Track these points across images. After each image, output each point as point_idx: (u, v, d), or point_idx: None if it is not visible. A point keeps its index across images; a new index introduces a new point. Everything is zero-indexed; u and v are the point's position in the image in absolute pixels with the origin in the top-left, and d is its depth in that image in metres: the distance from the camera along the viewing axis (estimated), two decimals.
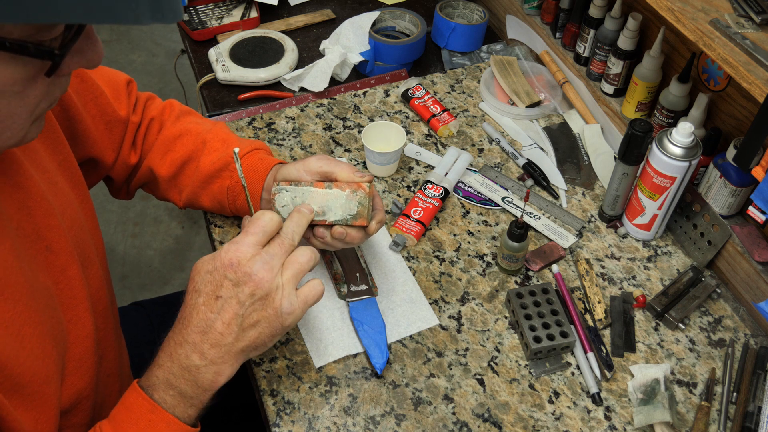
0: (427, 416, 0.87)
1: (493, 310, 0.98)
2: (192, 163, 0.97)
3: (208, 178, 0.96)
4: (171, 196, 1.01)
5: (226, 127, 1.02)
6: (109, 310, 0.84)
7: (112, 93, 0.93)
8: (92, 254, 0.80)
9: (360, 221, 0.86)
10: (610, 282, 1.02)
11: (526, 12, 1.36)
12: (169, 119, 1.00)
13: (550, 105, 1.27)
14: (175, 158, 0.97)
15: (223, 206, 0.99)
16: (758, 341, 0.96)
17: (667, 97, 1.06)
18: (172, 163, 0.97)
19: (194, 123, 1.00)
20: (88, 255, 0.79)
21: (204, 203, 1.00)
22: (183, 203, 1.01)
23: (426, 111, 1.24)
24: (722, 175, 0.98)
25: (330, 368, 0.90)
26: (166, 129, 0.98)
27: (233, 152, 0.78)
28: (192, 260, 2.18)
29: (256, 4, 1.44)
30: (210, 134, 0.98)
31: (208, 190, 0.98)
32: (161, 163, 0.97)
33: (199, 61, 1.37)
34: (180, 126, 0.99)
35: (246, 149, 0.97)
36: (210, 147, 0.97)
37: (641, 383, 0.89)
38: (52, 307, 0.71)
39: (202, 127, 0.99)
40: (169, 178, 0.98)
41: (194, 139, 0.98)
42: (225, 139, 0.98)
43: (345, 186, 0.86)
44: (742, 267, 0.98)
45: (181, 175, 0.98)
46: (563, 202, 1.13)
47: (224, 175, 0.96)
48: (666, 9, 0.89)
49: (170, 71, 2.74)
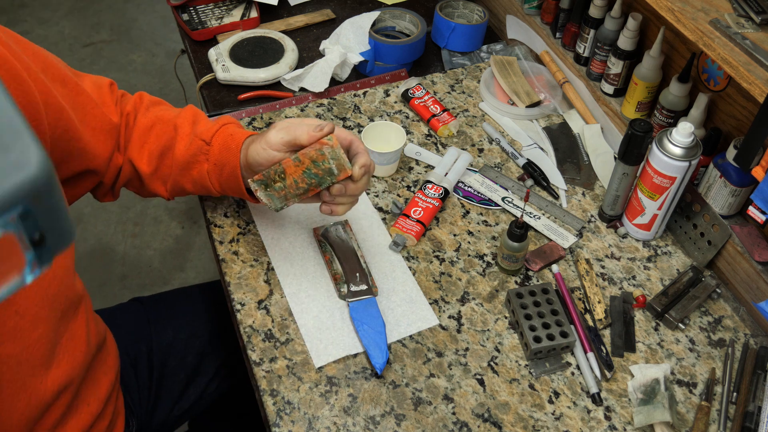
0: (427, 416, 0.87)
1: (493, 310, 0.98)
2: (169, 153, 0.96)
3: (186, 164, 0.95)
4: (156, 189, 1.00)
5: (194, 107, 1.00)
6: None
7: (101, 99, 0.93)
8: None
9: (343, 174, 0.86)
10: (610, 282, 1.02)
11: (526, 12, 1.36)
12: (140, 111, 0.98)
13: (550, 105, 1.27)
14: (153, 150, 0.96)
15: (208, 189, 0.98)
16: (758, 341, 0.96)
17: (667, 97, 1.06)
18: (150, 156, 0.96)
19: (164, 110, 0.99)
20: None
21: (188, 189, 0.99)
22: (169, 194, 1.00)
23: (426, 111, 1.24)
24: (722, 175, 0.98)
25: (330, 368, 0.90)
26: (139, 121, 0.97)
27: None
28: (192, 260, 2.18)
29: (256, 4, 1.44)
30: (179, 119, 0.97)
31: (188, 176, 0.97)
32: (140, 157, 0.96)
33: (199, 61, 1.37)
34: (150, 116, 0.97)
35: (213, 129, 0.95)
36: (181, 133, 0.95)
37: (641, 383, 0.89)
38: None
39: (172, 113, 0.98)
40: (151, 173, 0.97)
41: (166, 127, 0.96)
42: (193, 121, 0.97)
43: (311, 151, 0.85)
44: (742, 267, 0.98)
45: (162, 167, 0.97)
46: (563, 202, 1.13)
47: (200, 159, 0.95)
48: (666, 9, 0.89)
49: (170, 71, 2.74)
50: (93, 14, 3.05)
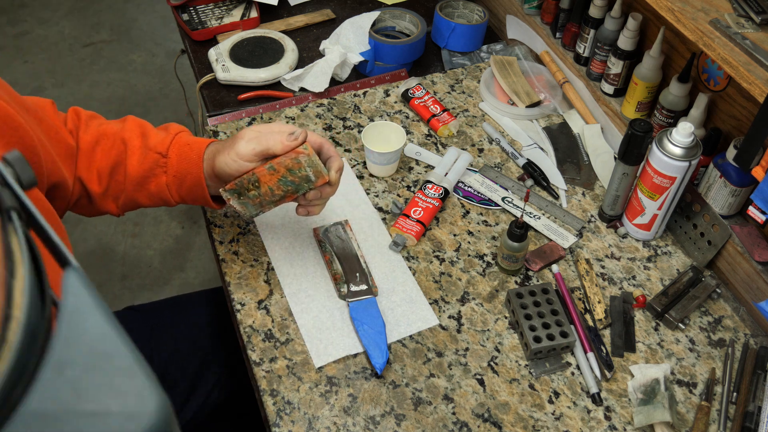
0: (427, 416, 0.87)
1: (493, 310, 0.98)
2: (119, 168, 0.92)
3: (142, 179, 0.92)
4: (107, 207, 0.96)
5: (135, 118, 0.97)
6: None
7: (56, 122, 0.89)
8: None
9: (321, 180, 0.85)
10: (610, 282, 1.02)
11: (526, 12, 1.36)
12: (81, 128, 0.94)
13: (550, 105, 1.27)
14: (102, 168, 0.92)
15: (166, 201, 0.95)
16: (758, 341, 0.96)
17: (667, 97, 1.06)
18: (100, 175, 0.92)
19: (104, 125, 0.95)
20: None
21: (143, 203, 0.95)
22: (120, 210, 0.97)
23: (426, 111, 1.24)
24: (722, 175, 0.98)
25: (330, 368, 0.90)
26: (82, 139, 0.93)
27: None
28: (192, 260, 2.18)
29: (256, 4, 1.44)
30: (125, 132, 0.93)
31: (144, 191, 0.93)
32: (89, 176, 0.92)
33: (199, 61, 1.37)
34: (92, 132, 0.93)
35: (166, 140, 0.92)
36: (131, 147, 0.92)
37: (641, 383, 0.89)
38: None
39: (115, 127, 0.94)
40: (102, 192, 0.93)
41: (112, 143, 0.92)
42: (142, 133, 0.93)
43: (287, 159, 0.84)
44: (742, 267, 0.98)
45: (113, 184, 0.93)
46: (563, 202, 1.13)
47: (158, 173, 0.92)
48: (666, 9, 0.89)
49: (170, 71, 2.74)
50: (93, 14, 3.05)
